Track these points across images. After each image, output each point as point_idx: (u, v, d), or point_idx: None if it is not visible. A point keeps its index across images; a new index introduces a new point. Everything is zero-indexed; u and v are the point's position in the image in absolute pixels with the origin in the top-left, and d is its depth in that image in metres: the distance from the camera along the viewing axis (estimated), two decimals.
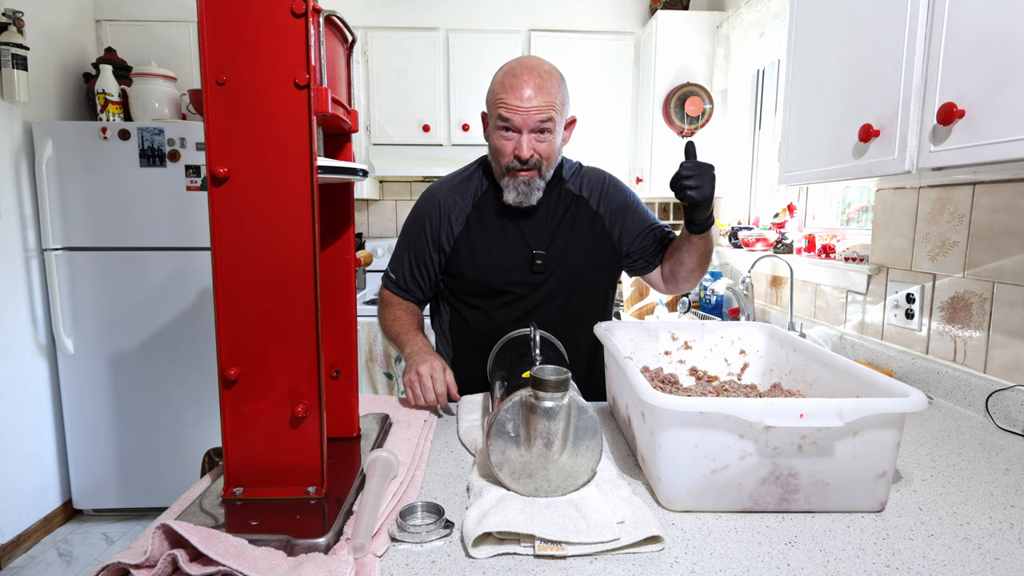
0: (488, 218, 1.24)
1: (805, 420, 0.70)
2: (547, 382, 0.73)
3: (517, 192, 1.17)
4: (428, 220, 1.26)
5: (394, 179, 3.18)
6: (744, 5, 2.41)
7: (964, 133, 0.90)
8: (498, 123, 1.14)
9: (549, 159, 1.16)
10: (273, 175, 0.69)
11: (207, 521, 0.68)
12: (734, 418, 0.71)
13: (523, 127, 1.12)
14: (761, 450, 0.73)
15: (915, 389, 0.76)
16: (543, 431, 0.74)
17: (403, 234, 1.32)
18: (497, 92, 1.13)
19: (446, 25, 2.80)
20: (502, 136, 1.14)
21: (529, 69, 1.11)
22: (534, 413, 0.74)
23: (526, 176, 1.16)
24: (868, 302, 1.65)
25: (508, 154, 1.14)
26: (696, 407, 0.71)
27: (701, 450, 0.73)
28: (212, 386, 2.42)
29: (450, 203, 1.26)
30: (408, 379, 1.12)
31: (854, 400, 0.71)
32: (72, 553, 2.26)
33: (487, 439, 0.76)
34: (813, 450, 0.74)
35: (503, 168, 1.17)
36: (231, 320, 0.71)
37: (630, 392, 0.88)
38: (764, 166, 2.62)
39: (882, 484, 0.76)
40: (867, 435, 0.74)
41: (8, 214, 2.22)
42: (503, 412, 0.76)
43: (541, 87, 1.10)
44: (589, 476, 0.76)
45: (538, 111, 1.10)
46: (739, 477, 0.74)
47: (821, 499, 0.76)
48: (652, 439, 0.77)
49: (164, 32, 2.65)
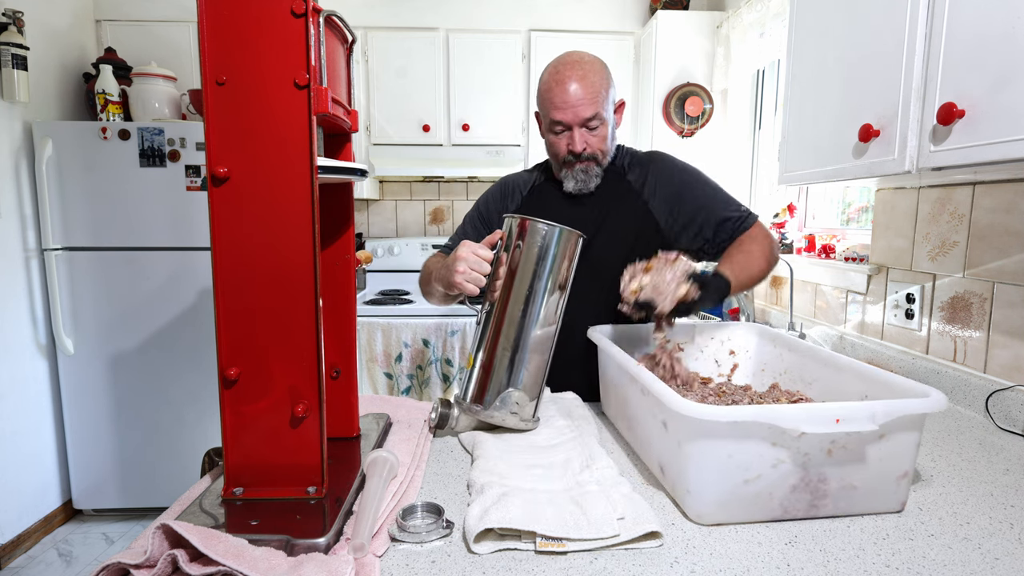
0: (541, 204, 1.29)
1: (842, 425, 0.68)
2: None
3: (576, 180, 1.22)
4: (490, 196, 1.37)
5: (394, 179, 3.18)
6: (744, 5, 2.41)
7: (964, 133, 0.90)
8: (550, 124, 1.19)
9: (604, 149, 1.21)
10: (273, 175, 0.69)
11: (207, 521, 0.68)
12: (768, 425, 0.69)
13: (573, 123, 1.16)
14: (793, 457, 0.71)
15: (932, 388, 0.75)
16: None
17: (469, 212, 1.40)
18: (544, 92, 1.18)
19: (446, 25, 2.80)
20: (554, 134, 1.20)
21: (571, 65, 1.15)
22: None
23: (583, 166, 1.21)
24: (868, 302, 1.65)
25: (563, 150, 1.20)
26: (730, 416, 0.68)
27: (734, 460, 0.70)
28: (212, 386, 2.42)
29: (511, 186, 1.35)
30: (454, 272, 0.99)
31: (883, 402, 0.70)
32: (72, 553, 2.26)
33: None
34: (842, 454, 0.72)
35: (560, 163, 1.23)
36: (231, 320, 0.71)
37: (643, 399, 0.87)
38: (764, 166, 2.62)
39: (904, 484, 0.75)
40: (893, 437, 0.73)
41: (8, 214, 2.22)
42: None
43: (584, 79, 1.14)
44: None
45: (584, 106, 1.14)
46: (771, 486, 0.72)
47: (848, 503, 0.74)
48: (679, 449, 0.74)
49: (164, 32, 2.65)
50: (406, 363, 2.51)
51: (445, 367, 2.51)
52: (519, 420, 0.97)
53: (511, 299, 0.96)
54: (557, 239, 0.95)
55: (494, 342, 0.96)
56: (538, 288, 0.96)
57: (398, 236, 3.25)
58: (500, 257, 0.98)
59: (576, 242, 0.98)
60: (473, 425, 1.03)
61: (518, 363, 0.96)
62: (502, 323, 0.96)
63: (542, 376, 0.99)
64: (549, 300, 0.96)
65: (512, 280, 0.96)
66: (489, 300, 0.99)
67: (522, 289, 0.96)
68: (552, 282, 0.96)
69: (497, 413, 0.96)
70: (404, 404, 1.17)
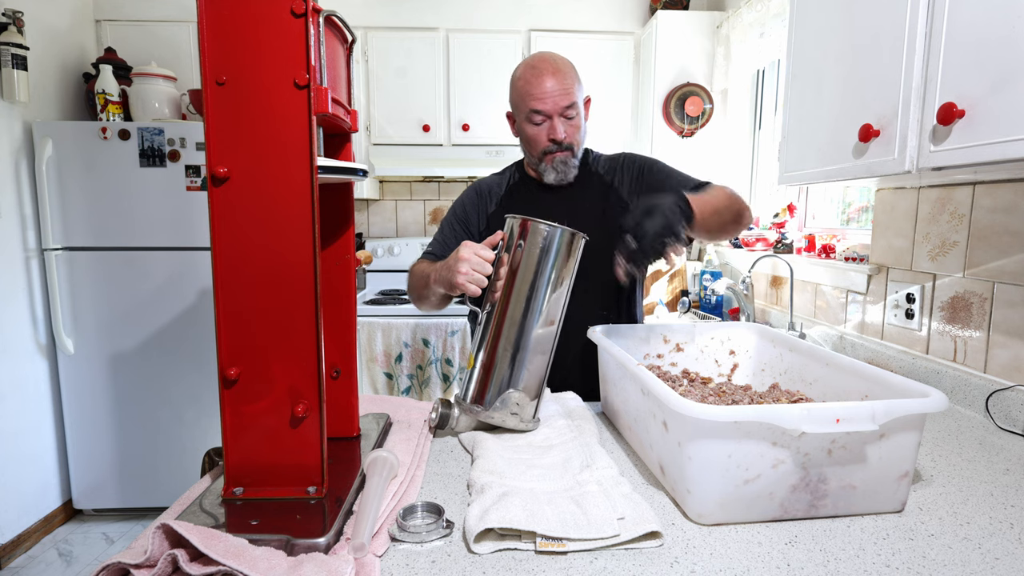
0: (519, 202, 1.33)
1: (842, 425, 0.68)
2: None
3: (556, 171, 1.27)
4: (466, 199, 1.39)
5: (394, 179, 3.18)
6: (744, 5, 2.41)
7: (964, 133, 0.90)
8: (529, 115, 1.23)
9: (578, 140, 1.27)
10: (273, 175, 0.69)
11: (207, 521, 0.68)
12: (769, 425, 0.69)
13: (553, 112, 1.22)
14: (793, 457, 0.71)
15: (933, 388, 0.75)
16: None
17: (445, 217, 1.41)
18: (521, 87, 1.23)
19: (446, 25, 2.80)
20: (534, 125, 1.24)
21: (545, 60, 1.23)
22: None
23: (562, 156, 1.26)
24: (868, 302, 1.65)
25: (543, 140, 1.24)
26: (731, 416, 0.68)
27: (734, 460, 0.70)
28: (212, 386, 2.42)
29: (486, 187, 1.38)
30: (456, 273, 1.00)
31: (884, 402, 0.70)
32: (72, 553, 2.26)
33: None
34: (843, 454, 0.72)
35: (540, 154, 1.27)
36: (231, 320, 0.71)
37: (643, 399, 0.87)
38: (764, 166, 2.62)
39: (904, 484, 0.75)
40: (893, 437, 0.73)
41: (8, 214, 2.22)
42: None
43: (558, 72, 1.21)
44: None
45: (562, 95, 1.21)
46: (771, 486, 0.72)
47: (848, 503, 0.74)
48: (680, 450, 0.74)
49: (164, 32, 2.65)
50: (406, 363, 2.51)
51: (445, 367, 2.51)
52: (519, 421, 0.97)
53: (512, 299, 0.96)
54: (559, 240, 0.95)
55: (495, 342, 0.96)
56: (539, 288, 0.96)
57: (398, 236, 3.25)
58: (501, 257, 0.98)
59: (578, 242, 0.98)
60: (473, 425, 1.03)
61: (519, 363, 0.96)
62: (503, 323, 0.96)
63: (543, 377, 0.99)
64: (550, 301, 0.96)
65: (513, 280, 0.96)
66: (490, 300, 0.99)
67: (523, 289, 0.96)
68: (553, 282, 0.96)
69: (497, 414, 0.96)
70: (404, 404, 1.17)
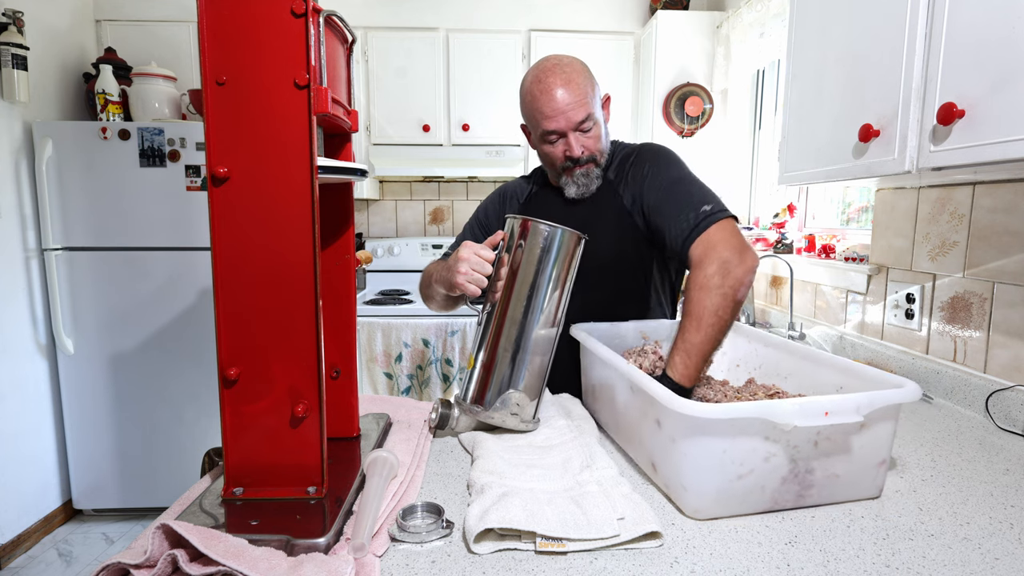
0: (535, 212, 1.22)
1: (830, 418, 0.71)
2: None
3: (577, 185, 1.19)
4: (490, 203, 1.37)
5: (394, 179, 3.18)
6: (744, 5, 2.41)
7: (964, 133, 0.90)
8: (543, 135, 1.14)
9: (600, 149, 1.17)
10: (273, 175, 0.69)
11: (207, 521, 0.68)
12: (763, 421, 0.71)
13: (567, 129, 1.12)
14: (784, 450, 0.74)
15: (906, 379, 0.80)
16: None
17: (469, 220, 1.39)
18: (530, 104, 1.13)
19: (446, 25, 2.80)
20: (549, 144, 1.16)
21: (552, 70, 1.11)
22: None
23: (582, 169, 1.17)
24: (868, 302, 1.65)
25: (560, 157, 1.16)
26: (727, 413, 0.69)
27: (729, 456, 0.72)
28: (212, 386, 2.42)
29: (510, 191, 1.36)
30: (455, 273, 1.00)
31: (866, 394, 0.74)
32: (72, 553, 2.26)
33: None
34: (827, 445, 0.75)
35: (559, 171, 1.19)
36: (231, 320, 0.71)
37: (632, 397, 0.88)
38: (764, 166, 2.62)
39: (882, 471, 0.80)
40: (873, 427, 0.77)
41: (8, 214, 2.22)
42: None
43: (569, 83, 1.10)
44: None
45: (575, 109, 1.10)
46: (763, 479, 0.74)
47: (832, 492, 0.78)
48: (674, 447, 0.75)
49: (164, 32, 2.65)
50: (406, 363, 2.51)
51: (445, 367, 2.51)
52: (519, 421, 0.97)
53: (512, 299, 0.96)
54: (559, 240, 0.95)
55: (495, 343, 0.96)
56: (539, 289, 0.96)
57: (398, 236, 3.25)
58: (502, 258, 0.98)
59: (577, 243, 0.98)
60: (473, 425, 1.03)
61: (519, 364, 0.96)
62: (503, 323, 0.96)
63: (543, 377, 0.99)
64: (550, 301, 0.96)
65: (514, 281, 0.96)
66: (490, 300, 0.99)
67: (523, 290, 0.96)
68: (553, 283, 0.96)
69: (497, 414, 0.96)
70: (404, 404, 1.17)
